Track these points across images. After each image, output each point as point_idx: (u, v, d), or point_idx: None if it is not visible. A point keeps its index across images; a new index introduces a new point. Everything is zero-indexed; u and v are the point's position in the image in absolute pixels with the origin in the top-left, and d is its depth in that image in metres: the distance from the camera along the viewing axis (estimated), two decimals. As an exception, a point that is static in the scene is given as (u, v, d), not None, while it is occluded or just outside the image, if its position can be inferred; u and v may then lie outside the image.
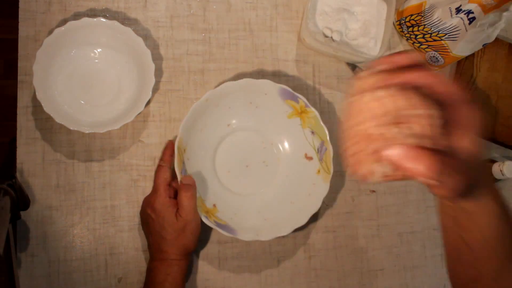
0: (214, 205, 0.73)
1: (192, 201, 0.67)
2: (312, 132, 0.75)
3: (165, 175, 0.70)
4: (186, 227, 0.67)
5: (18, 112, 0.72)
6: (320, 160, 0.75)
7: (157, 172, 0.71)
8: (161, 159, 0.72)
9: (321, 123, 0.73)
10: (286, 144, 0.78)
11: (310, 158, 0.76)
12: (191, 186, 0.68)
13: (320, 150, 0.75)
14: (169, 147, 0.73)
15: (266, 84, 0.73)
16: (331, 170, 0.73)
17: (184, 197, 0.67)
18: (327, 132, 0.73)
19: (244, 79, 0.72)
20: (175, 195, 0.70)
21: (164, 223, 0.67)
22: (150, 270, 0.68)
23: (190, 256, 0.72)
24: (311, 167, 0.76)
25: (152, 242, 0.69)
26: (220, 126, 0.77)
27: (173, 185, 0.71)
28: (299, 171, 0.77)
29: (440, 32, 0.77)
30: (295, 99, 0.74)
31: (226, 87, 0.72)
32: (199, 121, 0.73)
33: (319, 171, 0.75)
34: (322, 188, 0.73)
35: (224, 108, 0.75)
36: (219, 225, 0.70)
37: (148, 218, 0.69)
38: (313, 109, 0.73)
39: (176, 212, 0.67)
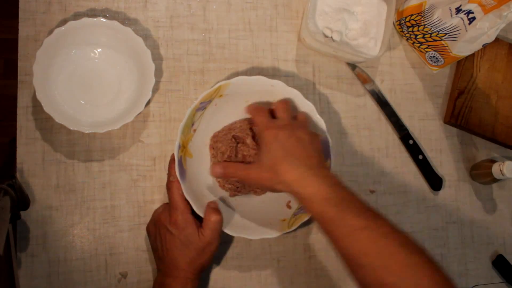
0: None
1: (219, 226, 0.68)
2: None
3: (180, 190, 0.68)
4: (207, 248, 0.67)
5: (18, 112, 0.72)
6: (294, 215, 0.72)
7: (170, 188, 0.69)
8: (170, 174, 0.69)
9: None
10: None
11: (289, 207, 0.74)
12: (220, 212, 0.68)
13: (300, 208, 0.72)
14: (174, 160, 0.69)
15: (320, 123, 0.72)
16: (291, 229, 0.71)
17: (213, 220, 0.67)
18: None
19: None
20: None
21: (186, 240, 0.66)
22: (162, 286, 0.67)
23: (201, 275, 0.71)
24: (284, 213, 0.73)
25: (166, 257, 0.68)
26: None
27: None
28: (278, 210, 0.73)
29: (440, 32, 0.77)
30: (325, 157, 0.71)
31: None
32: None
33: (285, 220, 0.72)
34: (276, 228, 0.71)
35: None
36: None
37: (166, 233, 0.68)
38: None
39: (198, 230, 0.67)
